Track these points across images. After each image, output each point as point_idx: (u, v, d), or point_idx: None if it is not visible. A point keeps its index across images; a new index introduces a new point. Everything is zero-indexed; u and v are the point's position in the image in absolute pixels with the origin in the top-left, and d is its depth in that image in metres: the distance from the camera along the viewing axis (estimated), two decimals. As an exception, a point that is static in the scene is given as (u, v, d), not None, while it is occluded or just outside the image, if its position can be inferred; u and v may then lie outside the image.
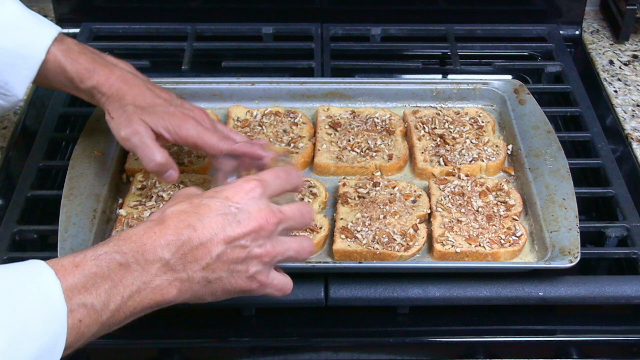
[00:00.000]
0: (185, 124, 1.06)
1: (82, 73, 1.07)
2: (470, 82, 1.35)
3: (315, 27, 1.55)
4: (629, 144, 1.32)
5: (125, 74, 1.10)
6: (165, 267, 0.82)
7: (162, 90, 1.12)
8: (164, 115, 1.06)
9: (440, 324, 1.08)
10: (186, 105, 1.11)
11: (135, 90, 1.08)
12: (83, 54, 1.08)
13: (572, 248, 1.04)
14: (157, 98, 1.09)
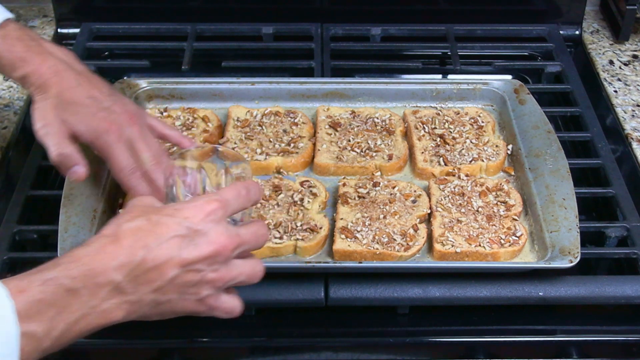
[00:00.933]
0: (105, 135, 1.01)
1: (14, 61, 1.03)
2: (470, 82, 1.35)
3: (315, 27, 1.55)
4: (629, 144, 1.32)
5: (59, 64, 1.04)
6: (116, 290, 0.79)
7: (95, 87, 1.05)
8: (85, 118, 1.01)
9: (440, 324, 1.08)
10: (115, 109, 1.04)
11: (64, 83, 1.02)
12: (20, 41, 1.04)
13: (572, 248, 1.04)
14: (86, 96, 1.03)
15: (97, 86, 1.05)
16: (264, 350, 1.06)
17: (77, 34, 1.54)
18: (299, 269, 1.06)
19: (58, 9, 1.56)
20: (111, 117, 1.02)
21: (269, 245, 1.07)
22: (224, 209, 0.85)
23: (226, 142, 1.24)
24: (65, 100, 1.01)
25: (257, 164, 1.20)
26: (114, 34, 1.56)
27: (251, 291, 1.03)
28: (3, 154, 1.29)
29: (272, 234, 1.08)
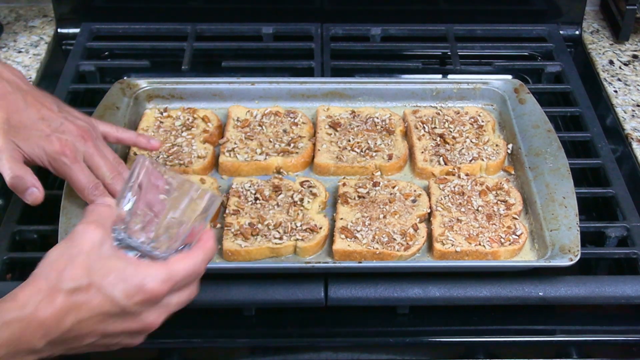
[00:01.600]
0: (60, 158, 1.02)
1: None
2: (470, 82, 1.35)
3: (315, 27, 1.55)
4: (629, 144, 1.32)
5: (6, 86, 1.03)
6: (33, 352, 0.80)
7: (43, 105, 1.04)
8: (38, 143, 1.01)
9: (440, 324, 1.08)
10: (66, 127, 1.04)
11: (12, 106, 1.01)
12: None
13: (572, 246, 1.04)
14: (36, 117, 1.02)
15: (45, 104, 1.05)
16: (264, 350, 1.06)
17: (77, 34, 1.54)
18: (299, 269, 1.06)
19: (58, 9, 1.56)
20: (64, 138, 1.03)
21: (268, 246, 1.07)
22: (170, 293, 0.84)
23: (226, 142, 1.24)
24: (15, 125, 1.01)
25: (257, 164, 1.20)
26: (114, 34, 1.56)
27: (251, 291, 1.03)
28: (3, 154, 1.28)
29: (272, 234, 1.08)
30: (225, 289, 1.04)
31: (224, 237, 1.08)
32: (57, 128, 1.03)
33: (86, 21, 1.56)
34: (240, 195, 1.14)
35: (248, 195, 1.14)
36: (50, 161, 1.03)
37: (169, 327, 1.06)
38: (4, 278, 1.08)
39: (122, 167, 1.07)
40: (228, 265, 1.07)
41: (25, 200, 1.04)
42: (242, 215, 1.11)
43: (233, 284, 1.04)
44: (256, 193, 1.14)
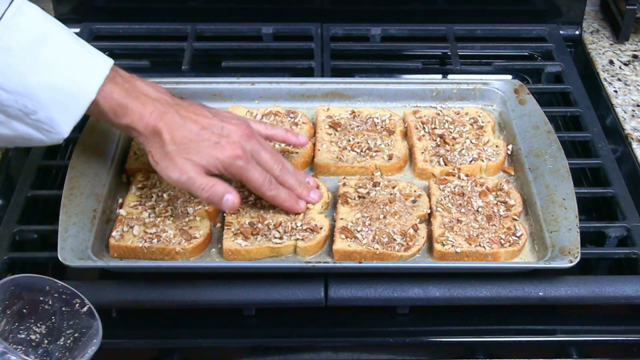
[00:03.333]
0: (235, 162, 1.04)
1: (115, 109, 1.02)
2: (470, 82, 1.35)
3: (315, 27, 1.55)
4: (629, 144, 1.32)
5: (158, 106, 1.04)
6: None
7: (198, 114, 1.06)
8: (210, 151, 1.03)
9: (440, 324, 1.08)
10: (228, 130, 1.05)
11: (172, 125, 1.03)
12: (116, 86, 1.02)
13: (572, 248, 1.04)
14: (197, 130, 1.04)
15: (199, 113, 1.06)
16: (264, 350, 1.06)
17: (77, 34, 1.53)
18: (299, 269, 1.06)
19: (58, 9, 1.56)
20: (230, 141, 1.04)
21: (268, 245, 1.07)
22: None
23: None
24: (182, 142, 1.03)
25: (257, 164, 1.20)
26: (114, 34, 1.56)
27: (251, 291, 1.03)
28: (3, 154, 1.29)
29: (273, 234, 1.08)
30: (225, 289, 1.04)
31: (224, 236, 1.08)
32: (221, 133, 1.05)
33: (86, 21, 1.56)
34: (240, 194, 1.14)
35: (248, 195, 1.14)
36: (225, 167, 1.04)
37: (169, 327, 1.06)
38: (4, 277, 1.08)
39: (282, 158, 1.11)
40: (228, 265, 1.07)
41: (224, 209, 1.06)
42: (242, 215, 1.11)
43: (233, 284, 1.04)
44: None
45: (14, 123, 0.98)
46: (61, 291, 0.89)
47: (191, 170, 1.02)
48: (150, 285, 1.04)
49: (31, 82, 0.95)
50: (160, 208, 1.12)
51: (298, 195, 1.10)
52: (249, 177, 1.06)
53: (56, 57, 0.98)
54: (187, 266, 1.07)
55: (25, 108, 0.96)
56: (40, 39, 0.96)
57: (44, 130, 0.99)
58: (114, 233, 1.08)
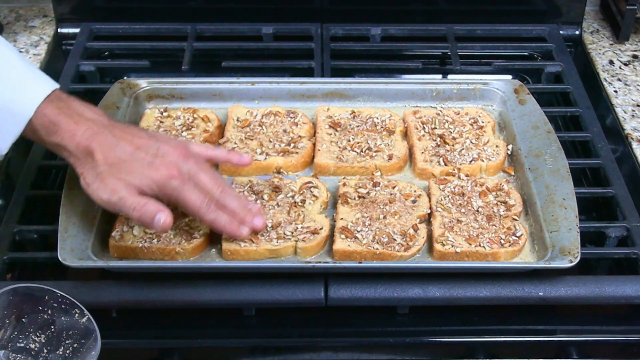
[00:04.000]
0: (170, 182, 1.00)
1: (47, 126, 0.99)
2: (470, 82, 1.35)
3: (315, 27, 1.55)
4: (629, 144, 1.32)
5: (92, 126, 1.00)
6: None
7: (133, 135, 1.02)
8: (144, 171, 0.99)
9: (440, 324, 1.08)
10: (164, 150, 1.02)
11: (105, 145, 0.99)
12: (51, 103, 0.99)
13: (572, 248, 1.04)
14: (132, 149, 1.00)
15: (134, 134, 1.03)
16: (264, 350, 1.06)
17: (77, 34, 1.54)
18: (299, 269, 1.06)
19: (58, 9, 1.56)
20: (166, 161, 1.00)
21: (268, 247, 1.06)
22: None
23: (226, 142, 1.24)
24: (115, 163, 0.99)
25: (257, 164, 1.20)
26: (114, 34, 1.56)
27: (251, 291, 1.03)
28: (3, 154, 1.28)
29: (272, 235, 1.08)
30: (225, 289, 1.04)
31: (223, 236, 1.08)
32: (156, 153, 1.01)
33: (86, 21, 1.56)
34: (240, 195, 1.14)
35: (248, 195, 1.14)
36: (160, 187, 0.99)
37: (169, 327, 1.06)
38: (4, 278, 1.08)
39: (221, 179, 1.06)
40: (228, 265, 1.07)
41: (156, 229, 1.00)
42: (242, 215, 1.11)
43: (233, 284, 1.04)
44: (256, 193, 1.14)
45: None
46: (60, 301, 0.89)
47: (123, 190, 0.98)
48: (150, 285, 1.04)
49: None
50: (160, 208, 1.11)
51: (240, 221, 1.03)
52: (186, 199, 1.00)
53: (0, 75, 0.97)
54: (187, 266, 1.07)
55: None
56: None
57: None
58: (114, 233, 1.08)
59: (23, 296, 0.88)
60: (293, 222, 1.10)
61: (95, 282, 1.06)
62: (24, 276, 1.11)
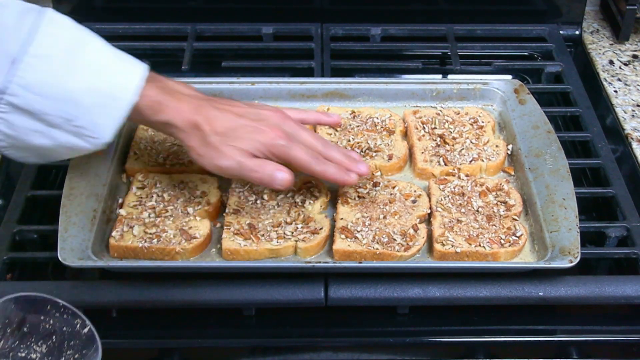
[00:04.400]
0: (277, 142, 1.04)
1: (152, 106, 1.02)
2: (470, 82, 1.35)
3: (315, 27, 1.55)
4: (629, 144, 1.32)
5: (193, 101, 1.04)
6: None
7: (230, 105, 1.07)
8: (251, 136, 1.03)
9: (440, 324, 1.08)
10: (263, 114, 1.06)
11: (209, 116, 1.03)
12: (149, 84, 1.02)
13: (572, 248, 1.04)
14: (234, 117, 1.04)
15: (232, 104, 1.07)
16: (264, 350, 1.06)
17: (77, 34, 1.53)
18: (299, 269, 1.06)
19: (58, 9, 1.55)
20: (269, 124, 1.05)
21: (268, 247, 1.07)
22: None
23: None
24: (223, 132, 1.03)
25: (257, 164, 1.20)
26: (114, 34, 1.56)
27: (251, 291, 1.03)
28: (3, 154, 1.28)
29: (272, 235, 1.08)
30: (225, 289, 1.04)
31: (223, 236, 1.08)
32: (258, 118, 1.05)
33: (86, 21, 1.54)
34: (240, 195, 1.14)
35: (248, 195, 1.14)
36: (269, 149, 1.03)
37: (169, 327, 1.06)
38: (4, 278, 1.08)
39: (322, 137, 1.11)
40: (228, 265, 1.07)
41: (277, 186, 1.04)
42: (242, 215, 1.11)
43: (233, 284, 1.04)
44: (256, 193, 1.14)
45: (53, 132, 0.97)
46: (63, 311, 0.88)
47: (238, 155, 1.02)
48: (150, 285, 1.04)
49: (71, 88, 0.95)
50: (160, 208, 1.12)
51: (347, 168, 1.08)
52: (295, 155, 1.04)
53: (94, 62, 0.98)
54: (187, 266, 1.07)
55: (66, 114, 0.96)
56: (76, 45, 0.97)
57: (86, 137, 0.98)
58: (114, 233, 1.08)
59: (25, 305, 0.87)
60: (293, 222, 1.10)
61: (95, 282, 1.06)
62: (24, 276, 1.12)
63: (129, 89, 0.99)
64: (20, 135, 0.97)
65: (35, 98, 0.94)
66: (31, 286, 1.04)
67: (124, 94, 0.98)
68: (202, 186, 1.15)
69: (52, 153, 1.02)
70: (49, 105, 0.95)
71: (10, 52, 0.92)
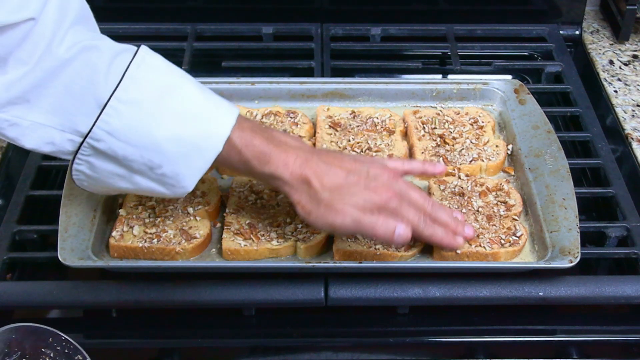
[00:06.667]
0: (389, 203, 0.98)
1: (258, 157, 0.97)
2: (470, 82, 1.35)
3: (315, 27, 1.55)
4: (629, 144, 1.32)
5: (300, 153, 0.99)
6: None
7: (338, 159, 1.01)
8: (363, 195, 0.98)
9: (440, 324, 1.08)
10: (372, 171, 1.01)
11: (318, 171, 0.98)
12: (256, 134, 0.98)
13: (572, 248, 1.04)
14: (344, 174, 0.99)
15: (339, 158, 1.02)
16: (264, 350, 1.06)
17: (77, 34, 1.53)
18: (299, 269, 1.06)
19: (58, 9, 1.56)
20: (380, 183, 1.00)
21: (268, 247, 1.07)
22: None
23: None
24: (334, 188, 0.98)
25: (257, 164, 1.20)
26: (114, 34, 1.54)
27: (251, 291, 1.03)
28: (3, 154, 1.29)
29: (272, 235, 1.08)
30: (225, 289, 1.04)
31: (224, 236, 1.08)
32: (367, 176, 1.00)
33: (86, 21, 1.55)
34: (240, 195, 1.14)
35: (248, 195, 1.14)
36: (380, 209, 0.98)
37: (169, 327, 1.06)
38: (4, 278, 1.08)
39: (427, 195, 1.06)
40: (228, 265, 1.07)
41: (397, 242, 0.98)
42: (242, 215, 1.11)
43: (233, 284, 1.04)
44: (256, 193, 1.14)
45: (136, 177, 0.95)
46: (64, 345, 0.87)
47: (354, 212, 0.97)
48: (150, 285, 1.04)
49: (158, 136, 0.92)
50: (160, 208, 1.12)
51: (453, 231, 1.02)
52: (406, 218, 0.99)
53: (182, 110, 0.94)
54: (187, 266, 1.07)
55: (151, 162, 0.93)
56: (165, 91, 0.94)
57: (168, 185, 0.96)
58: (114, 233, 1.08)
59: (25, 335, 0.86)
60: (293, 222, 1.10)
61: (95, 282, 1.06)
62: (24, 276, 1.12)
63: (214, 141, 0.95)
64: (101, 177, 0.96)
65: (119, 144, 0.92)
66: (31, 286, 1.04)
67: (209, 145, 0.95)
68: (202, 186, 1.15)
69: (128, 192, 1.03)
70: (132, 152, 0.92)
71: (98, 95, 0.90)
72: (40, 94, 0.90)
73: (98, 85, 0.90)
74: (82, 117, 0.91)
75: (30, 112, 0.90)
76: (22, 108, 0.90)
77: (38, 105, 0.90)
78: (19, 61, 0.88)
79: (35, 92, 0.89)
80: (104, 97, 0.90)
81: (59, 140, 0.92)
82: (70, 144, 0.93)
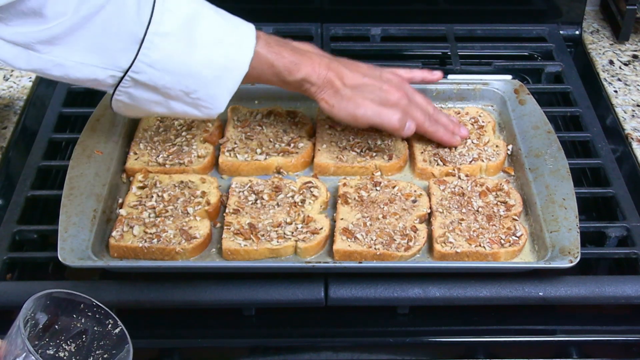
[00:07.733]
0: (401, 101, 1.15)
1: (289, 66, 1.10)
2: (470, 82, 1.35)
3: (315, 27, 1.55)
4: (629, 144, 1.32)
5: (322, 58, 1.14)
6: None
7: (355, 65, 1.17)
8: (379, 94, 1.14)
9: (440, 324, 1.08)
10: (385, 76, 1.17)
11: (339, 73, 1.13)
12: (282, 47, 1.11)
13: (572, 248, 1.04)
14: (361, 76, 1.15)
15: (355, 63, 1.17)
16: (264, 350, 1.06)
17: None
18: (299, 269, 1.06)
19: (58, 9, 1.56)
20: (393, 85, 1.16)
21: (268, 247, 1.07)
22: None
23: (226, 141, 1.24)
24: (354, 86, 1.14)
25: (257, 164, 1.20)
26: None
27: (251, 291, 1.03)
28: (3, 154, 1.29)
29: (272, 235, 1.08)
30: (225, 289, 1.04)
31: (224, 236, 1.08)
32: (381, 78, 1.17)
33: (86, 21, 1.55)
34: (240, 195, 1.14)
35: (248, 195, 1.14)
36: (392, 106, 1.15)
37: (169, 327, 1.06)
38: (4, 278, 1.08)
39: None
40: (228, 265, 1.07)
41: (405, 134, 1.18)
42: (242, 215, 1.11)
43: (233, 284, 1.04)
44: (256, 193, 1.14)
45: (172, 103, 1.05)
46: (95, 310, 0.88)
47: (373, 105, 1.13)
48: (150, 285, 1.04)
49: (193, 63, 1.01)
50: (160, 208, 1.12)
51: (451, 131, 1.21)
52: (413, 114, 1.16)
53: (209, 35, 1.03)
54: (187, 266, 1.07)
55: (187, 88, 1.03)
56: (192, 19, 1.01)
57: (202, 107, 1.06)
58: (114, 233, 1.08)
59: (58, 302, 0.87)
60: (293, 222, 1.10)
61: (95, 282, 1.06)
62: (24, 276, 1.11)
63: (242, 61, 1.05)
64: (139, 105, 1.05)
65: (158, 74, 1.00)
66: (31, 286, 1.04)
67: (237, 65, 1.05)
68: (202, 186, 1.15)
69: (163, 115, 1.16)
70: (170, 80, 1.01)
71: (134, 32, 0.98)
72: (81, 36, 0.96)
73: (132, 22, 0.98)
74: (122, 53, 0.99)
75: (73, 54, 0.97)
76: (66, 49, 0.97)
77: (80, 47, 0.97)
78: (57, 12, 0.94)
79: (76, 34, 0.96)
80: (140, 32, 0.98)
81: (102, 76, 1.00)
82: (111, 79, 1.01)
